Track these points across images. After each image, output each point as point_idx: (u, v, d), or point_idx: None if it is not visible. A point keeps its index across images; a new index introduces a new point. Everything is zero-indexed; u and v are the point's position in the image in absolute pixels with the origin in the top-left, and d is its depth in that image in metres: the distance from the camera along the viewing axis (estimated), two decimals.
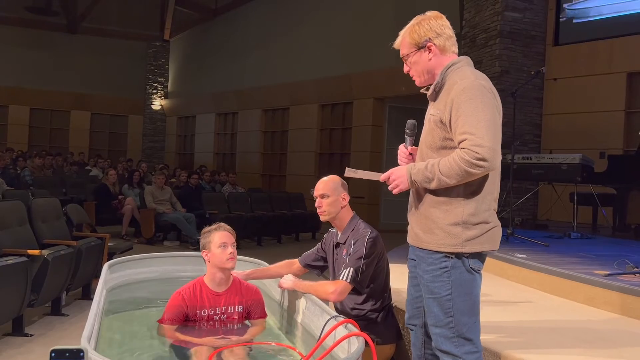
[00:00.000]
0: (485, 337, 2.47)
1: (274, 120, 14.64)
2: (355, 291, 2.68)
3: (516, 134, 5.80)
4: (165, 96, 19.04)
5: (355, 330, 2.04)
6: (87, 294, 4.83)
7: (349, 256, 2.64)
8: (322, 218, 2.77)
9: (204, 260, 2.69)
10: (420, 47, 2.04)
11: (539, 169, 6.40)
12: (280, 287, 2.92)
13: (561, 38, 8.47)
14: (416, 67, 2.07)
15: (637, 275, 3.37)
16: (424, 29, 2.04)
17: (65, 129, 17.99)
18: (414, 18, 2.09)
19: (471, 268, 1.99)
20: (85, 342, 1.86)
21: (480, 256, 2.02)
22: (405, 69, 2.11)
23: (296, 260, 3.03)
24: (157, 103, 18.92)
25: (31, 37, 16.95)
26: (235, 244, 2.68)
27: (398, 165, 2.15)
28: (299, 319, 2.72)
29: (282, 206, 9.94)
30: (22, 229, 4.22)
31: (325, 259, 2.94)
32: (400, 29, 2.14)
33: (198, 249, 2.81)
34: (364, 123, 11.68)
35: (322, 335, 2.15)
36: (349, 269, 2.59)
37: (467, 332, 1.98)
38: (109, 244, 5.38)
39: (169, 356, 2.38)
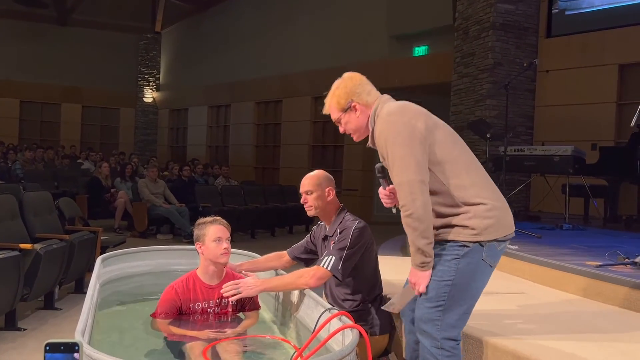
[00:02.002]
0: (478, 326, 2.49)
1: (266, 113, 14.60)
2: (344, 282, 2.69)
3: (509, 126, 5.81)
4: (157, 89, 18.92)
5: (350, 322, 2.05)
6: (80, 288, 4.82)
7: (334, 245, 2.65)
8: (310, 213, 2.80)
9: (198, 252, 2.68)
10: (346, 109, 2.22)
11: (531, 161, 6.43)
12: (244, 295, 2.59)
13: (553, 30, 8.48)
14: (349, 126, 2.26)
15: (628, 265, 3.40)
16: (343, 92, 2.24)
17: (56, 122, 17.85)
18: (334, 84, 2.31)
19: (484, 259, 2.09)
20: (79, 336, 1.86)
21: (496, 248, 2.12)
22: (341, 129, 2.31)
23: (285, 252, 3.03)
24: (149, 96, 18.81)
25: (21, 29, 16.75)
26: (229, 239, 2.66)
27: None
28: (293, 311, 2.73)
29: (275, 199, 9.94)
30: (14, 223, 4.20)
31: (313, 252, 2.94)
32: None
33: (191, 242, 2.80)
34: None
35: (316, 328, 2.16)
36: (330, 256, 2.59)
37: (453, 321, 2.07)
38: (101, 238, 5.36)
39: (163, 350, 2.38)
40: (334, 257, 2.58)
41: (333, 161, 12.42)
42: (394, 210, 2.27)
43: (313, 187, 2.76)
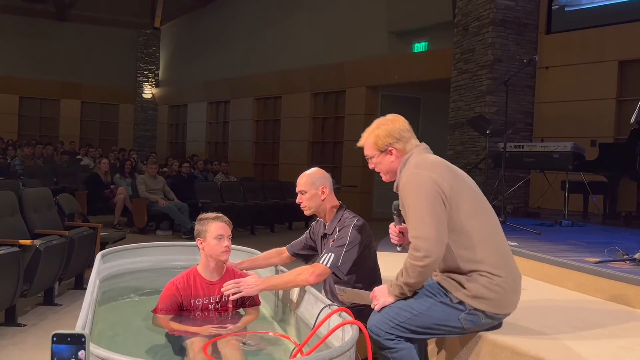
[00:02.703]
0: None
1: (266, 109, 14.58)
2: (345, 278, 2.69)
3: (508, 122, 5.81)
4: (157, 85, 18.89)
5: (350, 318, 2.05)
6: (80, 284, 4.82)
7: (333, 242, 2.66)
8: (306, 213, 2.80)
9: (198, 247, 2.68)
10: (382, 150, 2.23)
11: (530, 157, 6.43)
12: (245, 294, 2.62)
13: (553, 26, 8.47)
14: (380, 167, 2.28)
15: (627, 262, 3.40)
16: (384, 133, 2.22)
17: (56, 118, 17.82)
18: (374, 122, 2.29)
19: (460, 319, 2.13)
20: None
21: (481, 320, 2.15)
22: (370, 166, 2.31)
23: (284, 248, 3.03)
24: (148, 91, 18.78)
25: (20, 24, 16.71)
26: (231, 236, 2.66)
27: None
28: (293, 307, 2.73)
29: (275, 195, 9.94)
30: (13, 219, 4.20)
31: (313, 248, 2.94)
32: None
33: (191, 239, 2.81)
34: (357, 111, 11.67)
35: (316, 324, 2.16)
36: (330, 254, 2.60)
37: (397, 336, 2.13)
38: (101, 234, 5.36)
39: (164, 346, 2.39)
40: (333, 255, 2.58)
41: (332, 157, 12.41)
42: (399, 249, 2.33)
43: (306, 186, 2.75)
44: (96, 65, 17.54)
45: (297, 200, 2.80)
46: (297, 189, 2.79)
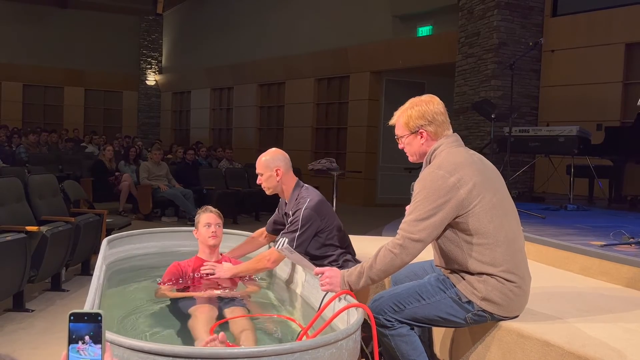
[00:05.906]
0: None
1: (269, 95, 14.53)
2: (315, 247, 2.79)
3: (513, 106, 5.77)
4: (160, 71, 18.84)
5: (354, 301, 2.06)
6: (87, 270, 4.86)
7: (287, 226, 2.78)
8: (267, 193, 2.93)
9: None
10: (413, 132, 2.16)
11: (536, 142, 6.39)
12: (218, 277, 2.88)
13: (559, 8, 8.38)
14: (409, 148, 2.21)
15: (632, 245, 3.40)
16: (416, 114, 2.14)
17: (59, 106, 17.83)
18: (409, 101, 2.20)
19: (465, 318, 2.12)
20: None
21: (486, 320, 2.14)
22: (400, 146, 2.24)
23: (264, 229, 3.19)
24: (152, 78, 18.73)
25: (22, 11, 16.65)
26: (219, 224, 2.90)
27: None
28: (298, 291, 2.76)
29: None
30: (20, 206, 4.22)
31: (283, 224, 3.02)
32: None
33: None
34: (361, 97, 11.62)
35: (321, 307, 2.17)
36: (284, 239, 2.72)
37: (397, 319, 2.14)
38: (106, 220, 5.39)
39: (171, 329, 2.41)
40: (286, 240, 2.70)
41: (337, 143, 12.39)
42: None
43: (262, 168, 2.86)
44: (99, 52, 17.49)
45: (257, 182, 2.92)
46: (256, 171, 2.89)
